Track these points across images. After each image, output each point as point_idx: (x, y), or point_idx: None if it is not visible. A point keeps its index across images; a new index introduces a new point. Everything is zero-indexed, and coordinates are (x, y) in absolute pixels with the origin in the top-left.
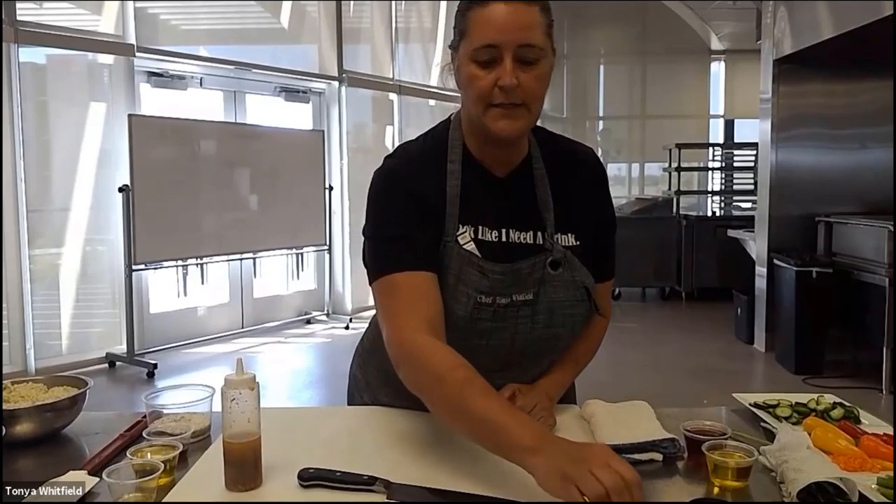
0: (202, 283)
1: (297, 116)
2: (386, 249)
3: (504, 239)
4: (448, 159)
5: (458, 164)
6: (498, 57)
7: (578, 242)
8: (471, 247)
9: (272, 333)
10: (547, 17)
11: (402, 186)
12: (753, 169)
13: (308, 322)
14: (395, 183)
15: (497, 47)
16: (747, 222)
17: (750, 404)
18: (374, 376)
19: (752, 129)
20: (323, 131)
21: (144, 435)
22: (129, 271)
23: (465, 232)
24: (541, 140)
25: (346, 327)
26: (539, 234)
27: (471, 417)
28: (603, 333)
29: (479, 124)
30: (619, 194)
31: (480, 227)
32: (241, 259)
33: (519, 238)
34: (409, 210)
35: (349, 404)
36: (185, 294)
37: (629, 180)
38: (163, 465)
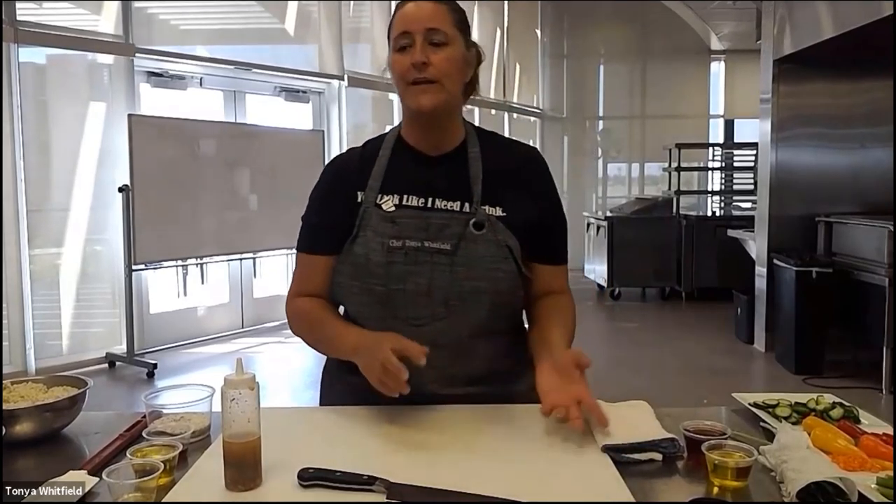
0: (202, 283)
1: (297, 116)
2: (304, 232)
3: (430, 205)
4: (382, 146)
5: (389, 150)
6: (412, 42)
7: (505, 214)
8: (391, 209)
9: (272, 333)
10: (456, 14)
11: (331, 181)
12: (753, 169)
13: None
14: (327, 177)
15: (410, 33)
16: (747, 222)
17: (749, 404)
18: (334, 365)
19: (752, 129)
20: (323, 131)
21: (144, 435)
22: (129, 271)
23: (389, 200)
24: (481, 133)
25: None
26: (466, 204)
27: (324, 337)
28: (573, 312)
29: (405, 106)
30: (619, 194)
31: (406, 195)
32: (241, 259)
33: (445, 205)
34: (332, 201)
35: (321, 404)
36: (185, 294)
37: (629, 180)
38: (163, 465)
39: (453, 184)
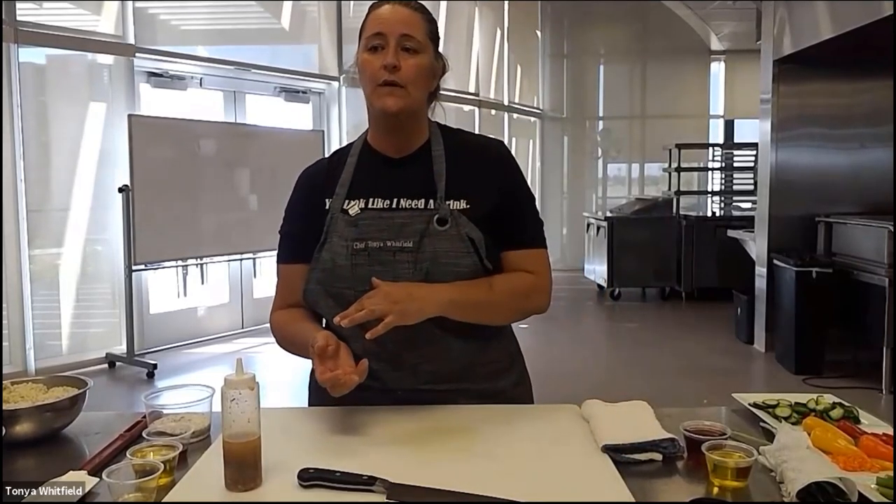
0: (202, 283)
1: (297, 116)
2: (282, 244)
3: (394, 206)
4: (349, 154)
5: (355, 157)
6: (385, 44)
7: (469, 206)
8: (356, 213)
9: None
10: (430, 25)
11: (302, 192)
12: (753, 169)
13: None
14: (298, 188)
15: (384, 34)
16: (747, 222)
17: (749, 404)
18: None
19: (752, 129)
20: (323, 131)
21: (144, 435)
22: (129, 271)
23: (355, 205)
24: (445, 132)
25: None
26: (431, 200)
27: (295, 343)
28: (528, 288)
29: (371, 109)
30: (619, 194)
31: (372, 199)
32: (241, 259)
33: (410, 204)
34: (303, 212)
35: (309, 403)
36: (185, 294)
37: (629, 180)
38: (163, 465)
39: (418, 183)
